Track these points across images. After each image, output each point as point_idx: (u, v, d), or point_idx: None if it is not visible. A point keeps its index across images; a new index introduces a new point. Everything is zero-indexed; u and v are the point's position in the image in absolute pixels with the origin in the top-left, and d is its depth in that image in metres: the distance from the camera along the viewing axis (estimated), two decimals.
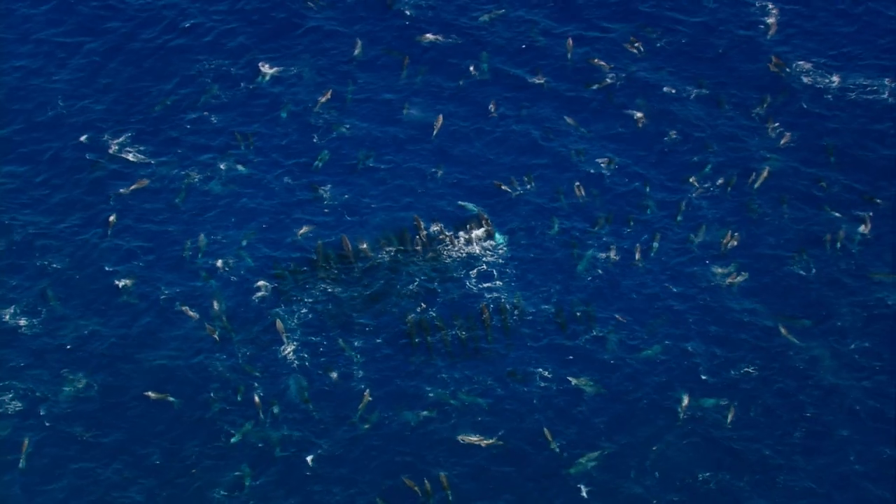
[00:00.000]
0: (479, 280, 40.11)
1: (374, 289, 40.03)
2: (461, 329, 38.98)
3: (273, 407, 37.45)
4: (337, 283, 40.16)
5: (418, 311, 39.42)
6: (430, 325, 39.03)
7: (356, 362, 38.38)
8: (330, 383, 37.95)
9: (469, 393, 37.66)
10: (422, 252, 40.75)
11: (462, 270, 40.34)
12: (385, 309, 39.62)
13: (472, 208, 41.80)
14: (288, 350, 38.63)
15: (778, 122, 43.52)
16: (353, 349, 38.66)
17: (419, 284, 40.03)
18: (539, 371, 38.04)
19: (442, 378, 38.02)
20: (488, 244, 40.88)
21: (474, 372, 38.15)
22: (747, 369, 37.80)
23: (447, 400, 37.50)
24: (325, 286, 40.07)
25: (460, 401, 37.49)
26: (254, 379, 38.09)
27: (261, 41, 46.91)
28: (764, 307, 39.16)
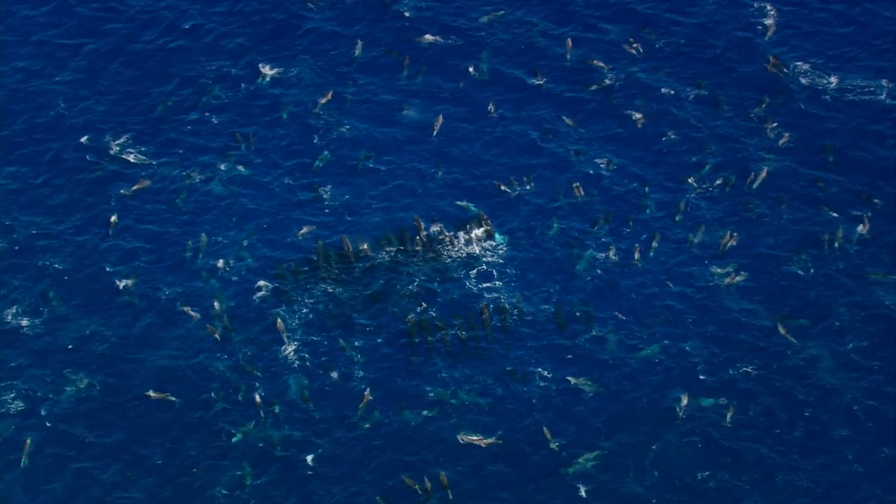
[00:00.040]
0: (479, 280, 40.12)
1: (375, 289, 40.04)
2: (461, 329, 39.01)
3: (274, 406, 37.47)
4: (337, 283, 40.16)
5: (418, 311, 39.42)
6: (431, 325, 39.04)
7: (356, 362, 38.41)
8: (330, 383, 37.97)
9: (469, 392, 37.70)
10: (422, 252, 40.77)
11: (462, 270, 40.36)
12: (385, 309, 39.62)
13: (472, 209, 41.85)
14: (289, 350, 38.64)
15: (776, 123, 43.56)
16: (354, 349, 38.67)
17: (419, 284, 40.04)
18: (538, 371, 38.06)
19: (442, 378, 38.06)
20: (488, 244, 40.90)
21: (474, 371, 38.20)
22: (746, 369, 37.82)
23: (447, 399, 37.54)
24: (326, 286, 40.08)
25: (460, 400, 37.53)
26: (254, 378, 38.10)
27: (261, 42, 46.89)
28: (762, 307, 39.18)
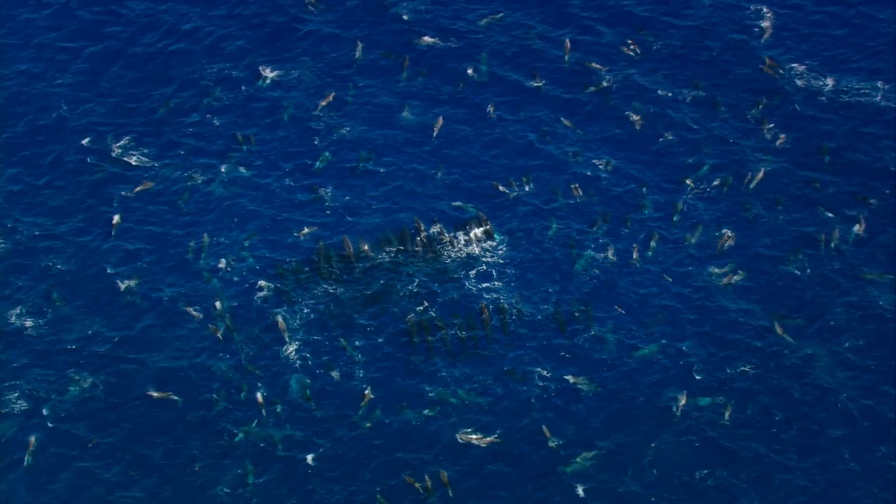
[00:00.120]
0: (479, 280, 40.19)
1: (375, 289, 40.13)
2: (461, 329, 39.10)
3: (275, 406, 37.57)
4: (338, 284, 40.25)
5: (418, 311, 39.51)
6: (431, 325, 39.13)
7: (357, 361, 38.50)
8: (331, 382, 38.07)
9: (469, 392, 37.80)
10: (422, 252, 40.86)
11: (461, 271, 40.44)
12: (386, 309, 39.71)
13: (471, 209, 41.93)
14: (290, 349, 38.71)
15: (773, 124, 43.63)
16: (355, 348, 38.77)
17: (419, 284, 40.12)
18: (537, 370, 38.17)
19: (442, 377, 38.15)
20: (488, 244, 41.01)
21: (474, 371, 38.29)
22: (743, 368, 37.93)
23: (447, 399, 37.63)
24: (327, 286, 40.16)
25: (460, 399, 37.62)
26: (256, 378, 38.19)
27: (261, 45, 46.95)
28: (759, 307, 39.28)
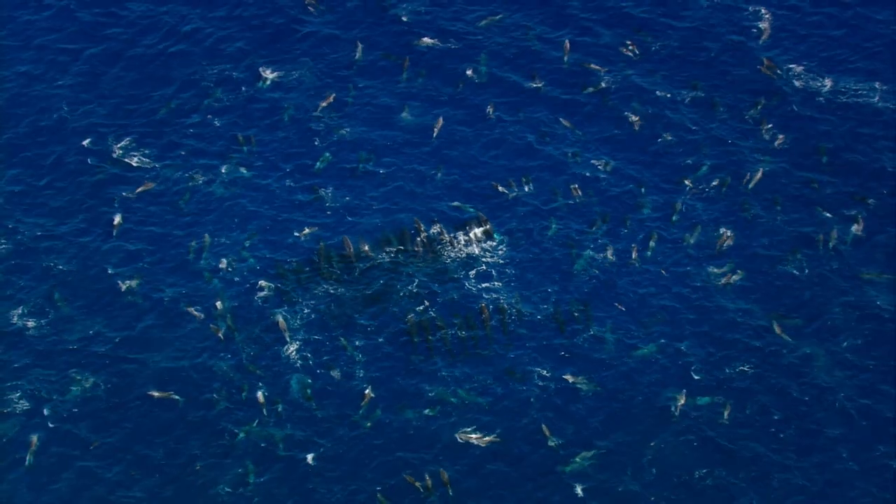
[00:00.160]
0: (479, 280, 40.26)
1: (375, 289, 40.19)
2: (461, 328, 39.16)
3: (276, 405, 37.64)
4: (338, 284, 40.32)
5: (419, 311, 39.58)
6: (431, 325, 39.20)
7: (358, 361, 38.57)
8: (332, 382, 38.14)
9: (468, 391, 37.87)
10: (422, 253, 40.92)
11: (461, 271, 40.50)
12: (386, 309, 39.77)
13: (470, 209, 41.99)
14: (291, 349, 38.77)
15: (771, 125, 43.71)
16: (355, 348, 38.84)
17: (419, 284, 40.18)
18: (537, 370, 38.25)
19: (442, 377, 38.24)
20: (488, 245, 41.09)
21: (474, 371, 38.36)
22: (742, 368, 38.01)
23: (447, 398, 37.71)
24: (327, 286, 40.23)
25: (460, 399, 37.69)
26: (257, 378, 38.26)
27: (261, 46, 46.99)
28: (758, 307, 39.37)
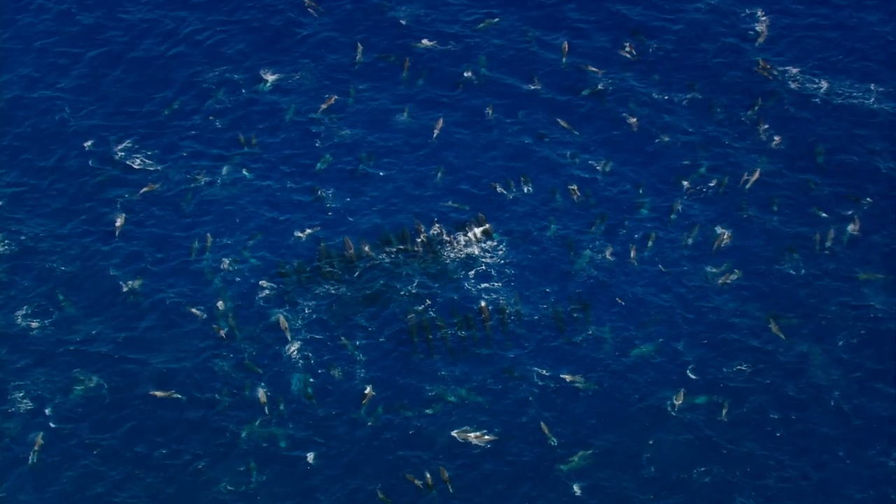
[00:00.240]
0: (478, 280, 40.38)
1: (376, 289, 40.31)
2: (460, 328, 39.29)
3: (278, 404, 37.77)
4: (339, 283, 40.44)
5: (419, 311, 39.72)
6: (431, 325, 39.34)
7: (358, 360, 38.71)
8: (333, 381, 38.27)
9: (468, 390, 38.02)
10: (422, 253, 41.05)
11: (461, 271, 40.63)
12: (386, 308, 39.91)
13: (466, 208, 42.13)
14: (292, 349, 38.89)
15: (768, 126, 43.90)
16: (356, 348, 38.96)
17: (419, 284, 40.30)
18: (536, 369, 38.36)
19: (441, 376, 38.38)
20: (487, 245, 41.23)
21: (473, 370, 38.50)
22: (739, 367, 38.14)
23: (446, 397, 37.85)
24: (328, 286, 40.35)
25: (459, 398, 37.83)
26: (258, 377, 38.38)
27: (261, 48, 47.11)
28: (755, 306, 39.52)
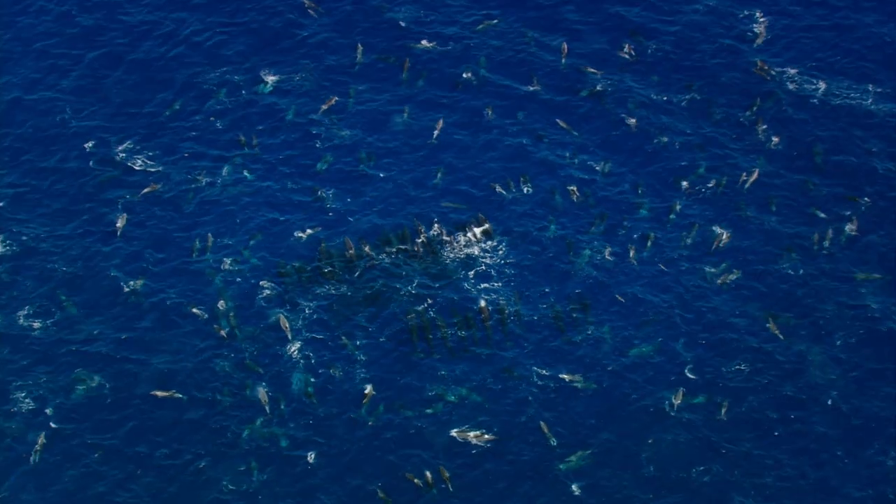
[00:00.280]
0: (478, 280, 40.49)
1: (376, 289, 40.41)
2: (460, 328, 39.41)
3: (279, 403, 37.88)
4: (340, 283, 40.56)
5: (419, 311, 39.82)
6: (431, 324, 39.47)
7: (359, 360, 38.82)
8: (333, 380, 38.38)
9: (468, 390, 38.13)
10: (422, 253, 41.17)
11: (461, 271, 40.74)
12: (386, 308, 40.01)
13: (462, 207, 42.28)
14: (292, 348, 38.99)
15: (766, 126, 44.05)
16: (356, 347, 39.07)
17: (419, 284, 40.40)
18: (535, 369, 38.48)
19: (441, 375, 38.49)
20: (487, 245, 41.35)
21: (473, 370, 38.61)
22: (738, 367, 38.27)
23: (447, 397, 37.97)
24: (328, 286, 40.46)
25: (459, 397, 37.95)
26: (259, 377, 38.48)
27: (261, 49, 47.21)
28: (753, 306, 39.65)
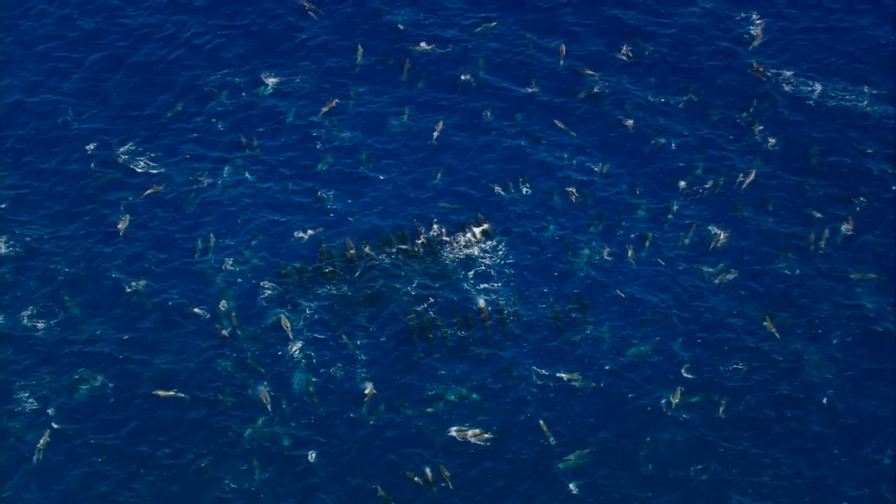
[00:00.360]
0: (478, 280, 40.64)
1: (376, 289, 40.56)
2: (460, 328, 39.56)
3: (280, 403, 38.03)
4: (340, 284, 40.72)
5: (419, 311, 39.96)
6: (431, 324, 39.63)
7: (359, 360, 38.98)
8: (334, 380, 38.53)
9: (468, 389, 38.30)
10: (422, 253, 41.31)
11: (461, 271, 40.88)
12: (387, 308, 40.16)
13: (458, 207, 42.46)
14: (294, 348, 39.14)
15: (762, 128, 44.22)
16: (357, 347, 39.23)
17: (419, 284, 40.55)
18: (534, 368, 38.65)
19: (441, 375, 38.66)
20: (486, 245, 41.50)
21: (472, 369, 38.78)
22: (735, 366, 38.46)
23: (447, 396, 38.13)
24: (329, 286, 40.61)
25: (459, 397, 38.12)
26: (261, 376, 38.64)
27: (262, 52, 47.34)
28: (750, 306, 39.83)
